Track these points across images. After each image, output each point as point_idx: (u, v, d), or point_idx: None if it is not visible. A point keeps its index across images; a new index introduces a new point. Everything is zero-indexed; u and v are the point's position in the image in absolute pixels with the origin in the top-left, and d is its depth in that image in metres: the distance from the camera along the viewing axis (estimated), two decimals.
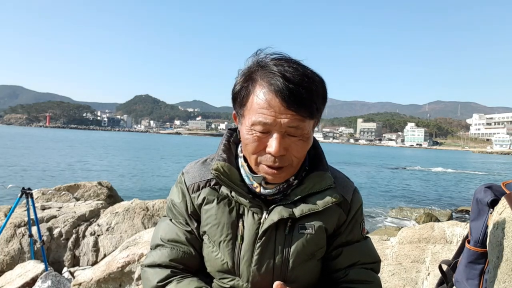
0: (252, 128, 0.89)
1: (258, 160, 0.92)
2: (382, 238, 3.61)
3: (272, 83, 0.86)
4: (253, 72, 0.91)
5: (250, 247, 0.95)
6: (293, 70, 0.87)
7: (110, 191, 6.41)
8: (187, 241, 1.01)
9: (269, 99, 0.86)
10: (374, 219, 12.21)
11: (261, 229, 0.95)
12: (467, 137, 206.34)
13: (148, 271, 1.00)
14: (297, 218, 0.95)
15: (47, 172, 20.13)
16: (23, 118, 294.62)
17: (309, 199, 0.97)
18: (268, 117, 0.86)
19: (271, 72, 0.87)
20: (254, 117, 0.88)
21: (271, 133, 0.88)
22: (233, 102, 0.97)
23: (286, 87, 0.84)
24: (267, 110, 0.86)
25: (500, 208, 1.14)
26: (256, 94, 0.89)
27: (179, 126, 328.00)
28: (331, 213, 0.99)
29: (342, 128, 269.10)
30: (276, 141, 0.87)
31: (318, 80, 0.90)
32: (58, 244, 4.46)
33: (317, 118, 0.93)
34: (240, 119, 0.96)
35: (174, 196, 1.05)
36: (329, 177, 0.99)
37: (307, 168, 1.02)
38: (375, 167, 37.62)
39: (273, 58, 0.91)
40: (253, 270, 0.95)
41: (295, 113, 0.86)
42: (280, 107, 0.85)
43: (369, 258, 1.05)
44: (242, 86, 0.92)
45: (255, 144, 0.90)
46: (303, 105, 0.86)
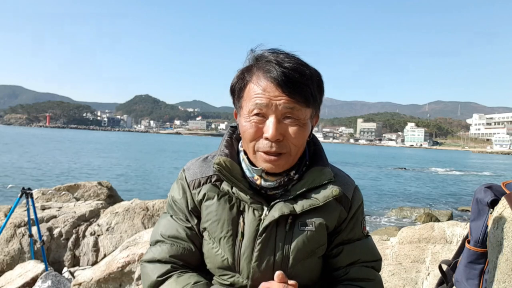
0: (249, 115, 0.92)
1: (256, 148, 0.93)
2: (382, 238, 3.61)
3: (266, 70, 0.89)
4: (249, 66, 0.95)
5: (250, 243, 0.95)
6: (288, 59, 0.90)
7: (110, 191, 6.40)
8: (187, 238, 1.01)
9: (264, 85, 0.89)
10: (374, 219, 12.22)
11: (261, 225, 0.95)
12: (467, 137, 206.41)
13: (148, 267, 1.00)
14: (298, 215, 0.95)
15: (47, 172, 20.14)
16: (23, 118, 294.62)
17: (309, 194, 0.97)
18: (264, 99, 0.89)
19: (267, 61, 0.90)
20: (251, 103, 0.91)
21: (267, 118, 0.90)
22: (232, 95, 0.99)
23: (281, 72, 0.87)
24: (262, 94, 0.89)
25: (500, 208, 1.14)
26: (253, 83, 0.92)
27: (179, 126, 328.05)
28: (332, 210, 0.99)
29: (342, 128, 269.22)
30: (272, 124, 0.89)
31: (313, 68, 0.93)
32: (58, 244, 4.46)
33: (314, 108, 0.95)
34: (239, 111, 0.98)
35: (175, 192, 1.05)
36: (329, 172, 1.00)
37: (307, 163, 1.02)
38: (375, 167, 37.63)
39: (268, 50, 0.94)
40: (253, 267, 0.94)
41: (290, 96, 0.88)
42: (275, 91, 0.88)
43: (370, 256, 1.05)
44: (239, 78, 0.96)
45: (252, 130, 0.91)
46: (297, 88, 0.88)
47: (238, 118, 0.99)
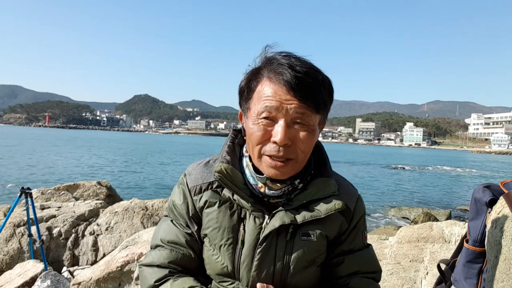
0: (258, 117, 0.89)
1: (262, 151, 0.90)
2: (381, 238, 3.62)
3: (279, 73, 0.87)
4: (260, 67, 0.93)
5: (250, 252, 0.94)
6: (300, 63, 0.88)
7: (109, 191, 6.40)
8: (186, 244, 1.00)
9: (275, 88, 0.87)
10: (373, 218, 12.22)
11: (262, 234, 0.94)
12: (465, 137, 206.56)
13: (146, 270, 1.00)
14: (299, 225, 0.94)
15: (46, 171, 20.10)
16: (22, 117, 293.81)
17: (312, 205, 0.96)
18: (274, 102, 0.86)
19: (279, 64, 0.88)
20: (260, 105, 0.88)
21: (277, 122, 0.88)
22: (240, 97, 0.97)
23: (294, 76, 0.85)
24: (273, 97, 0.87)
25: (498, 207, 1.14)
26: (263, 85, 0.89)
27: (178, 126, 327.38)
28: (333, 221, 0.98)
29: (341, 128, 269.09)
30: (281, 128, 0.86)
31: (325, 75, 0.92)
32: (57, 243, 4.46)
33: (323, 115, 0.93)
34: (245, 113, 0.96)
35: (176, 197, 1.04)
36: (333, 184, 0.98)
37: (312, 172, 1.00)
38: (374, 167, 37.63)
39: (280, 52, 0.92)
40: (252, 275, 0.94)
41: (301, 101, 0.86)
42: (286, 95, 0.86)
43: (370, 267, 1.04)
44: (249, 79, 0.93)
45: (260, 133, 0.89)
46: (309, 93, 0.86)
47: (244, 120, 0.97)
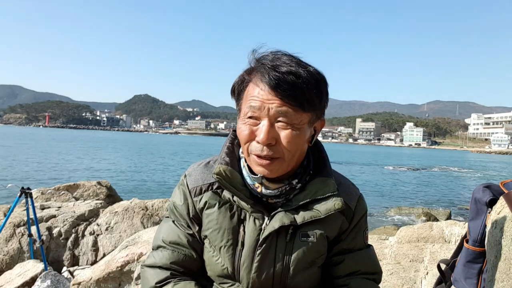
0: (245, 117, 0.91)
1: (249, 150, 0.92)
2: (381, 238, 3.62)
3: (261, 73, 0.88)
4: (249, 69, 0.94)
5: (250, 253, 0.94)
6: (285, 62, 0.88)
7: (110, 191, 6.40)
8: (188, 244, 1.01)
9: (259, 88, 0.89)
10: (373, 218, 12.21)
11: (262, 235, 0.94)
12: (465, 137, 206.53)
13: (148, 271, 1.00)
14: (299, 225, 0.94)
15: (46, 171, 20.10)
16: (22, 117, 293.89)
17: (311, 205, 0.95)
18: (257, 102, 0.88)
19: (262, 64, 0.90)
20: (246, 106, 0.91)
21: (260, 121, 0.89)
22: (232, 97, 0.99)
23: (274, 75, 0.86)
24: (256, 97, 0.89)
25: (498, 207, 1.14)
26: (249, 86, 0.92)
27: (178, 126, 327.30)
28: (333, 221, 0.98)
29: (341, 128, 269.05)
30: (264, 128, 0.87)
31: (313, 71, 0.90)
32: (57, 243, 4.46)
33: (314, 112, 0.92)
34: (238, 113, 0.98)
35: (176, 198, 1.05)
36: (333, 184, 0.97)
37: (311, 172, 1.00)
38: (374, 167, 37.64)
39: (269, 51, 0.93)
40: (252, 277, 0.94)
41: (283, 100, 0.86)
42: (268, 95, 0.87)
43: (370, 267, 1.03)
44: (239, 80, 0.95)
45: (246, 133, 0.90)
46: (291, 92, 0.86)
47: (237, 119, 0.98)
